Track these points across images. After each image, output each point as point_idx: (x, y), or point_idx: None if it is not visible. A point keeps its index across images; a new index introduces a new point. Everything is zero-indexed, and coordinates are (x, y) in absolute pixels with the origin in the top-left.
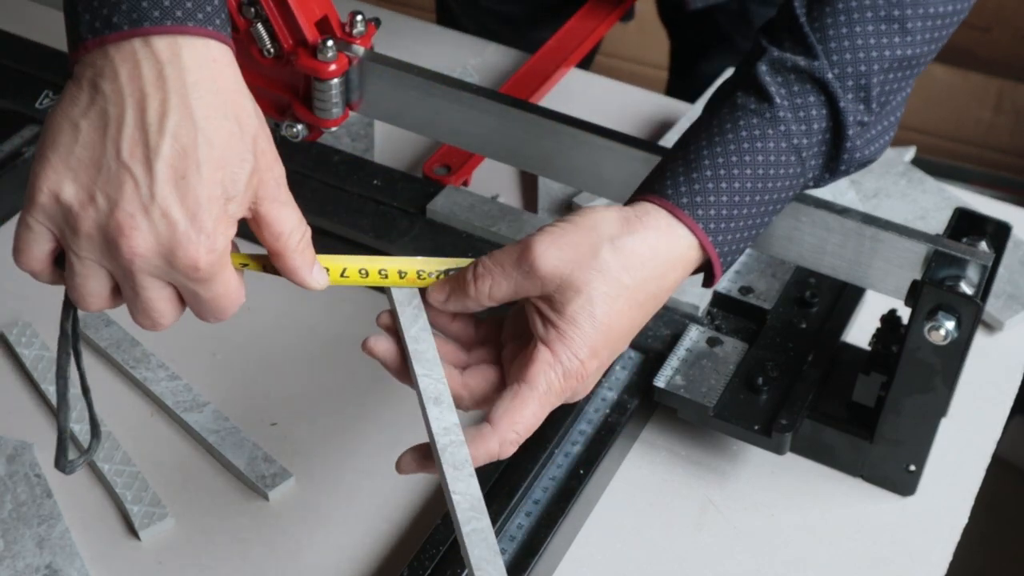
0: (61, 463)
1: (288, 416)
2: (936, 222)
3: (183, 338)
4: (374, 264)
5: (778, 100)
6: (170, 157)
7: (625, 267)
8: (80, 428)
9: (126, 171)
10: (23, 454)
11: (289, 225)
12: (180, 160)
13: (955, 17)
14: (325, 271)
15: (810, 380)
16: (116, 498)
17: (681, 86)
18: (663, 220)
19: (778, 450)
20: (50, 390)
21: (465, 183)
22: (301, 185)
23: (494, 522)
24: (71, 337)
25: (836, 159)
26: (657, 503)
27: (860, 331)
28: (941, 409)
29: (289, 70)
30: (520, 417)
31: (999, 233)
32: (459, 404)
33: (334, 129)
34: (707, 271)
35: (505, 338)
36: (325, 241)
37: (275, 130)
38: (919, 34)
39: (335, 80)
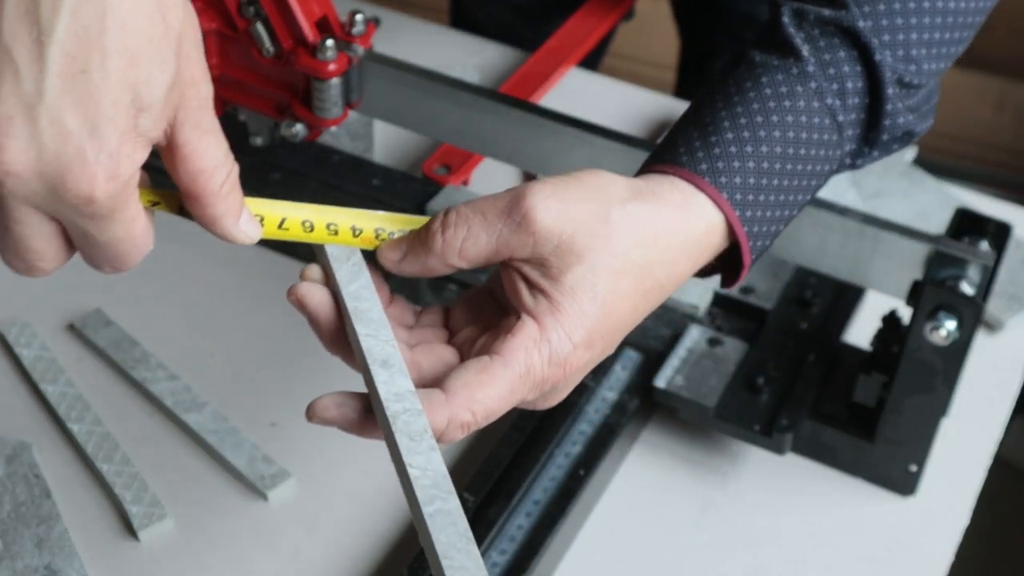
0: None
1: (288, 416)
2: (937, 222)
3: (182, 338)
4: (322, 216)
5: (805, 54)
6: (67, 41)
7: (636, 240)
8: (80, 428)
9: (5, 57)
10: (22, 454)
11: (212, 160)
12: (80, 47)
13: None
14: (258, 221)
15: (811, 380)
16: (115, 498)
17: (689, 87)
18: (677, 193)
19: (778, 450)
20: (49, 390)
21: (465, 183)
22: (301, 185)
23: (494, 523)
24: None
25: (876, 127)
26: (657, 503)
27: (860, 331)
28: (942, 409)
29: (289, 70)
30: (483, 396)
31: (1000, 233)
32: None
33: (334, 128)
34: (728, 263)
35: (456, 324)
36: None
37: (275, 129)
38: None
39: (335, 80)
